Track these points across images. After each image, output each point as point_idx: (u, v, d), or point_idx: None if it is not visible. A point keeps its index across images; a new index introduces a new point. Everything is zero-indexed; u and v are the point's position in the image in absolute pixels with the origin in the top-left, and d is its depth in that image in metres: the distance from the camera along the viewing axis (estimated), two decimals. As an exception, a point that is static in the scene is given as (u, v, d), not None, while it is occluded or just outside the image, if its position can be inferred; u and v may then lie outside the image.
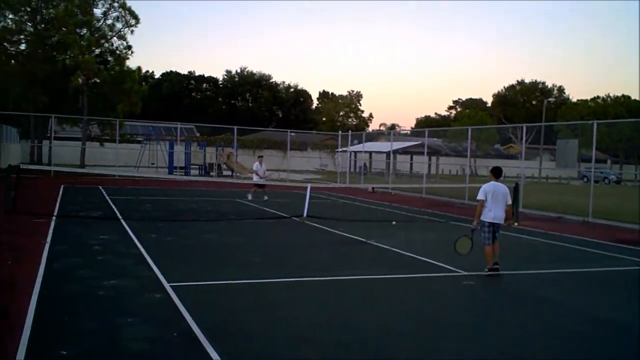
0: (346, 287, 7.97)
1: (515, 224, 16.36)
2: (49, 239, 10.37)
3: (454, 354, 5.36)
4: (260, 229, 13.67)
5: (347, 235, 12.73)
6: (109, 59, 36.70)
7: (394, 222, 15.88)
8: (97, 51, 36.03)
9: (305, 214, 15.23)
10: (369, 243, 11.72)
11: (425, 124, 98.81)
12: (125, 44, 36.26)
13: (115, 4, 35.42)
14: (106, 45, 36.33)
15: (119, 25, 35.83)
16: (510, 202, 9.22)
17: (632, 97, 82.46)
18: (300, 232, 13.29)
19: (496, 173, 9.32)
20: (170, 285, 7.24)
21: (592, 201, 18.47)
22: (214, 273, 8.36)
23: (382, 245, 11.41)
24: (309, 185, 16.63)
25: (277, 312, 6.50)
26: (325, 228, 13.79)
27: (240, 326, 5.85)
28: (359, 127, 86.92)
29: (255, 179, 20.50)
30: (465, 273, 8.97)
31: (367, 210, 19.78)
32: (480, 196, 9.11)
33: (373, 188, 29.02)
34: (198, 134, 58.17)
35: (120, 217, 14.08)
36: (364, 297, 7.45)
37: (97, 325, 5.63)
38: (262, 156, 21.67)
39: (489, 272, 8.93)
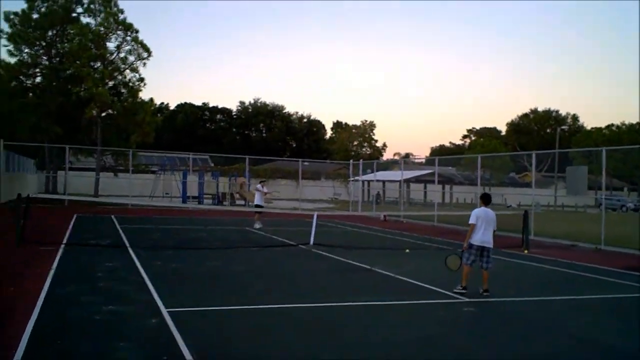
0: (345, 313, 7.94)
1: (526, 251, 16.25)
2: (54, 266, 10.47)
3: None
4: (265, 256, 13.66)
5: (352, 262, 12.69)
6: (122, 91, 37.37)
7: (407, 250, 15.81)
8: (111, 84, 36.76)
9: (311, 242, 15.22)
10: (373, 270, 11.66)
11: (439, 153, 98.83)
12: (138, 76, 36.92)
13: (128, 38, 36.16)
14: (119, 77, 37.02)
15: (131, 58, 36.54)
16: (495, 227, 9.55)
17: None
18: (305, 260, 13.27)
19: (485, 199, 9.77)
20: (168, 311, 7.26)
21: (604, 228, 18.26)
22: (213, 299, 8.38)
23: (387, 273, 11.35)
24: (315, 214, 16.65)
25: (271, 337, 6.48)
26: (331, 256, 13.76)
27: (231, 350, 5.86)
28: (373, 156, 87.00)
29: (257, 197, 20.75)
30: (467, 300, 8.90)
31: (376, 238, 19.72)
32: (471, 220, 9.48)
33: (385, 216, 28.95)
34: (212, 164, 58.69)
35: (128, 245, 14.18)
36: (361, 323, 7.40)
37: (90, 349, 5.66)
38: (264, 180, 22.21)
39: (460, 291, 9.23)
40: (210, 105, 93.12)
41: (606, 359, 6.33)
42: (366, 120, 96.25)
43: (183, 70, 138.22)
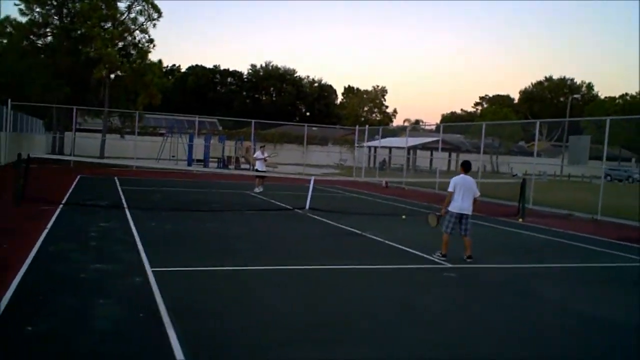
0: (328, 276, 8.13)
1: (520, 220, 16.33)
2: (49, 224, 10.72)
3: (409, 338, 5.50)
4: (259, 220, 13.87)
5: (344, 227, 12.86)
6: (132, 52, 37.37)
7: (403, 216, 15.94)
8: (120, 44, 36.76)
9: (307, 207, 15.39)
10: (364, 235, 11.84)
11: (450, 120, 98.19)
12: (147, 37, 36.93)
13: (139, -2, 36.06)
14: (129, 38, 37.02)
15: (141, 19, 36.50)
16: (478, 194, 9.66)
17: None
18: (299, 224, 13.45)
19: (465, 167, 9.82)
20: (152, 270, 7.48)
21: (602, 199, 18.29)
22: (200, 260, 8.59)
23: (377, 238, 11.52)
24: (312, 179, 16.79)
25: (252, 297, 6.70)
26: (325, 220, 13.93)
27: (209, 309, 6.05)
28: (383, 122, 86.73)
29: (258, 164, 20.89)
30: (450, 265, 9.07)
31: (374, 204, 19.87)
32: (450, 188, 9.63)
33: (386, 183, 29.05)
34: (221, 128, 58.78)
35: (125, 206, 14.42)
36: (341, 285, 7.60)
37: (71, 304, 5.90)
38: (264, 146, 22.43)
39: (440, 258, 9.41)
40: (222, 68, 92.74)
41: (581, 325, 6.42)
42: (378, 86, 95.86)
43: (195, 32, 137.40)
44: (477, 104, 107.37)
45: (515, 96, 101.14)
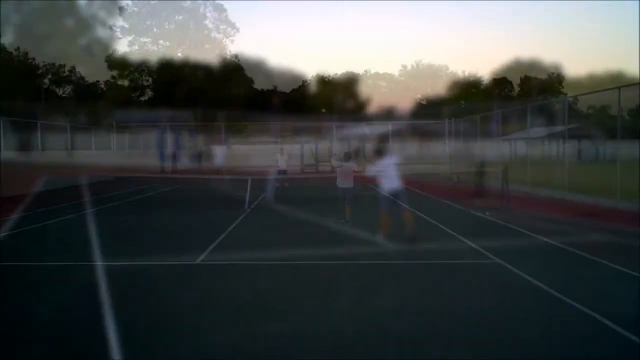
0: (271, 264, 8.34)
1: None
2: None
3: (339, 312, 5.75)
4: (222, 214, 13.91)
5: (303, 217, 13.03)
6: (94, 48, 37.20)
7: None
8: (83, 41, 36.54)
9: (268, 199, 15.59)
10: (321, 223, 12.02)
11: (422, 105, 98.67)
12: (110, 32, 36.69)
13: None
14: (91, 35, 36.79)
15: (102, 13, 36.24)
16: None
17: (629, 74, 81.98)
18: (258, 216, 13.56)
19: (379, 153, 10.36)
20: (102, 264, 7.62)
21: (567, 177, 18.64)
22: (146, 254, 8.73)
23: (333, 225, 11.72)
24: (274, 169, 17.01)
25: (189, 286, 6.95)
26: (287, 210, 14.08)
27: (145, 297, 6.35)
28: (356, 110, 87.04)
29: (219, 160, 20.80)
30: (395, 247, 9.29)
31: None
32: (378, 174, 10.04)
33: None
34: (193, 122, 58.47)
35: (89, 203, 14.49)
36: (282, 271, 7.87)
37: (17, 298, 6.10)
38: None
39: (383, 237, 9.75)
40: (193, 61, 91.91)
41: (516, 296, 6.61)
42: (351, 72, 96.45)
43: (164, 24, 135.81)
44: (449, 87, 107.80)
45: (487, 79, 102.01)
